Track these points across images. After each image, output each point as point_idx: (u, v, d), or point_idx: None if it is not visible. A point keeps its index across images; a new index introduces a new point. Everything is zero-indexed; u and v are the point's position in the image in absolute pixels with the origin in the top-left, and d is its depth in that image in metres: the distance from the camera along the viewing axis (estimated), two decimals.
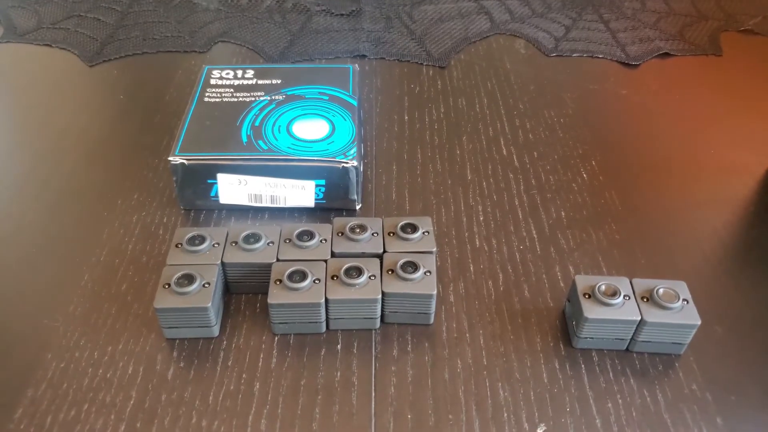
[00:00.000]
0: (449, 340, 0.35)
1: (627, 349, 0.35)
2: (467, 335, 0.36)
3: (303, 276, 0.34)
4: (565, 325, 0.36)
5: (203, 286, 0.34)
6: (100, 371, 0.33)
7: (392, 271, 0.35)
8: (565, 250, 0.41)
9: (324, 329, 0.35)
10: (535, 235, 0.42)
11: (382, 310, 0.35)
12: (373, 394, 0.33)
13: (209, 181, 0.41)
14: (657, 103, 0.55)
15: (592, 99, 0.55)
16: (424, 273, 0.35)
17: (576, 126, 0.52)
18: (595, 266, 0.40)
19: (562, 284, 0.39)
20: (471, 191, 0.45)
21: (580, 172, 0.48)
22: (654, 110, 0.54)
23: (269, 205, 0.42)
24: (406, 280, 0.35)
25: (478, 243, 0.41)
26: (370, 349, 0.35)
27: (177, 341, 0.35)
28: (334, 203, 0.42)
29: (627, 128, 0.52)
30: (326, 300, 0.34)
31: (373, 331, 0.36)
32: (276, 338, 0.35)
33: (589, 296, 0.34)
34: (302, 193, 0.42)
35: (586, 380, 0.34)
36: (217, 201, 0.42)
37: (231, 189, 0.41)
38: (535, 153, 0.49)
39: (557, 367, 0.34)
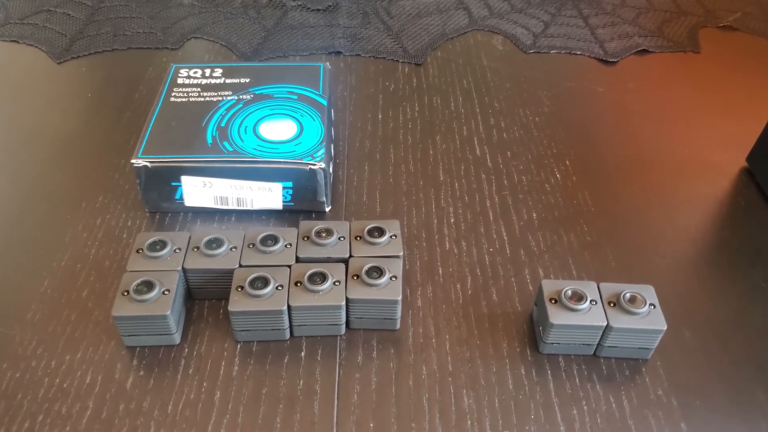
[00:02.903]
0: (415, 345, 0.35)
1: (594, 354, 0.35)
2: (433, 340, 0.35)
3: (265, 282, 0.34)
4: (533, 329, 0.36)
5: (163, 293, 0.33)
6: (57, 381, 0.33)
7: (357, 276, 0.35)
8: (535, 253, 0.41)
9: (288, 336, 0.35)
10: (505, 238, 0.42)
11: (348, 316, 0.35)
12: (336, 402, 0.32)
13: (173, 183, 0.40)
14: (634, 100, 0.55)
15: (568, 97, 0.55)
16: (390, 278, 0.35)
17: (551, 125, 0.52)
18: (565, 269, 0.40)
19: (531, 288, 0.38)
20: (443, 192, 0.45)
21: (553, 172, 0.47)
22: (630, 108, 0.54)
23: (236, 207, 0.41)
24: (371, 285, 0.34)
25: (447, 245, 0.41)
26: (335, 356, 0.34)
27: (137, 349, 0.34)
28: (302, 205, 0.42)
29: (603, 127, 0.52)
30: (289, 307, 0.33)
31: (339, 337, 0.35)
32: (239, 345, 0.35)
33: (556, 301, 0.34)
34: (269, 196, 0.41)
35: (551, 386, 0.33)
36: (183, 204, 0.41)
37: (196, 191, 0.40)
38: (509, 153, 0.49)
39: (523, 373, 0.34)
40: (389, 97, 0.54)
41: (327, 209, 0.43)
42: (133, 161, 0.39)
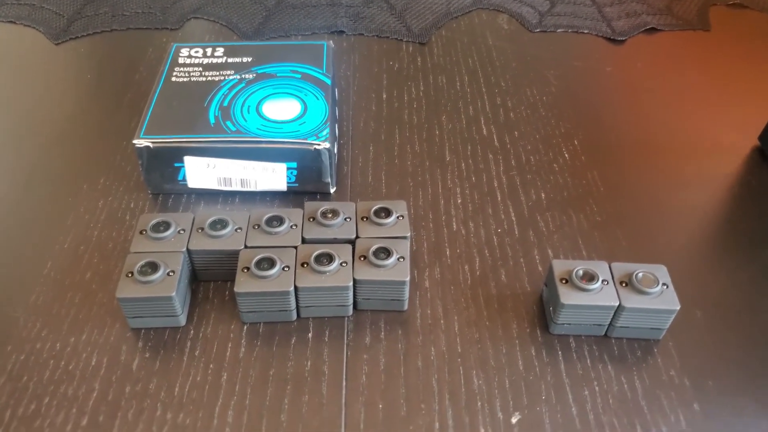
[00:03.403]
0: (423, 327, 0.35)
1: (605, 334, 0.34)
2: (442, 322, 0.35)
3: (271, 263, 0.33)
4: (543, 310, 0.36)
5: (167, 274, 0.33)
6: (62, 363, 0.32)
7: (364, 257, 0.34)
8: (544, 233, 0.40)
9: (295, 317, 0.34)
10: (513, 218, 0.41)
11: (355, 297, 0.34)
12: (344, 383, 0.32)
13: (176, 164, 0.39)
14: (642, 80, 0.54)
15: (576, 76, 0.54)
16: (398, 259, 0.34)
17: (559, 104, 0.51)
18: (574, 249, 0.39)
19: (540, 268, 0.38)
20: (449, 173, 0.44)
21: (561, 151, 0.46)
22: (639, 87, 0.53)
23: (240, 188, 0.41)
24: (378, 266, 0.34)
25: (455, 226, 0.40)
26: (342, 337, 0.34)
27: (143, 331, 0.34)
28: (307, 186, 0.41)
29: (611, 106, 0.51)
30: (296, 288, 0.33)
31: (346, 319, 0.35)
32: (245, 327, 0.34)
33: (566, 281, 0.34)
34: (273, 177, 0.40)
35: (562, 367, 0.33)
36: (186, 185, 0.41)
37: (199, 172, 0.40)
38: (516, 132, 0.48)
39: (533, 353, 0.34)
40: (393, 76, 0.53)
41: (332, 190, 0.42)
42: (134, 141, 0.38)
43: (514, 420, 0.31)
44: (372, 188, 0.43)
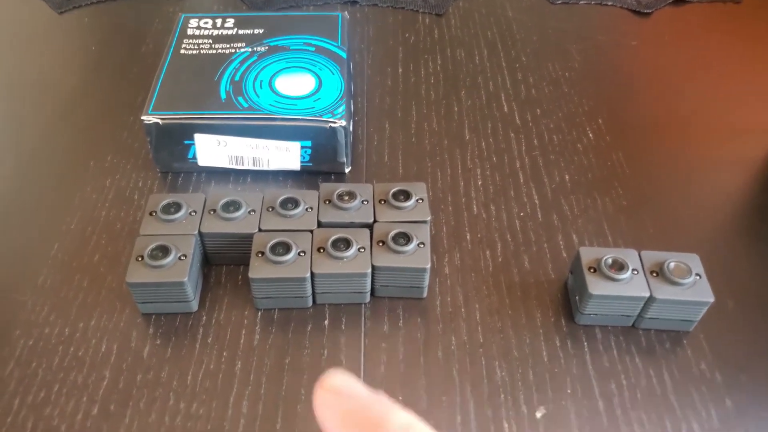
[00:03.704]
0: (443, 315, 0.33)
1: (633, 325, 0.33)
2: (462, 310, 0.34)
3: (287, 248, 0.32)
4: (567, 298, 0.34)
5: (179, 258, 0.32)
6: (72, 349, 0.31)
7: (383, 242, 0.33)
8: (568, 217, 0.39)
9: (310, 304, 0.33)
10: (536, 201, 0.39)
11: (372, 284, 0.33)
12: (362, 373, 0.31)
13: (186, 141, 0.38)
14: (669, 55, 0.51)
15: (599, 51, 0.52)
16: (417, 245, 0.33)
17: (582, 80, 0.49)
18: (600, 235, 0.38)
19: (564, 254, 0.36)
20: (469, 152, 0.42)
21: (585, 131, 0.45)
22: (666, 63, 0.51)
23: (252, 167, 0.39)
24: (397, 252, 0.32)
25: (475, 209, 0.39)
26: (360, 325, 0.33)
27: (153, 316, 0.33)
28: (321, 166, 0.40)
29: (637, 83, 0.49)
30: (312, 274, 0.32)
31: (363, 306, 0.34)
32: (259, 313, 0.33)
33: (595, 270, 0.32)
34: (287, 156, 0.39)
35: (588, 359, 0.32)
36: (196, 163, 0.39)
37: (210, 150, 0.38)
38: (538, 110, 0.46)
39: (558, 344, 0.32)
40: (410, 49, 0.51)
41: (347, 170, 0.40)
42: (143, 118, 0.37)
43: (538, 414, 0.30)
44: (388, 168, 0.41)
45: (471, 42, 0.52)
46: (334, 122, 0.37)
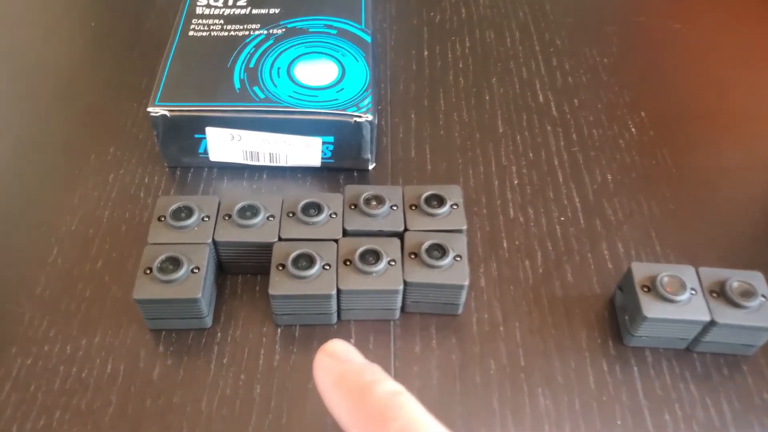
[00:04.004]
0: (480, 334, 0.30)
1: (687, 348, 0.30)
2: (501, 328, 0.31)
3: (310, 261, 0.29)
4: (614, 316, 0.31)
5: (192, 271, 0.29)
6: (74, 370, 0.28)
7: (415, 254, 0.30)
8: (612, 223, 0.35)
9: (335, 320, 0.30)
10: (577, 204, 0.36)
11: (403, 300, 0.30)
12: None
13: (197, 135, 0.34)
14: (717, 40, 0.47)
15: (639, 34, 0.48)
16: (454, 258, 0.30)
17: (622, 68, 0.45)
18: (647, 243, 0.35)
19: (610, 265, 0.33)
20: (503, 147, 0.39)
21: (627, 124, 0.41)
22: (714, 49, 0.47)
23: (268, 163, 0.36)
24: (432, 267, 0.29)
25: (512, 213, 0.36)
26: (389, 344, 0.30)
27: (163, 332, 0.30)
28: (343, 163, 0.36)
29: (681, 71, 0.45)
30: (338, 290, 0.29)
31: (392, 323, 0.31)
32: (279, 330, 0.30)
33: (649, 289, 0.29)
34: (307, 152, 0.35)
35: (639, 386, 0.29)
36: (207, 158, 0.36)
37: (222, 145, 0.35)
38: (576, 101, 0.42)
39: (605, 368, 0.30)
40: (435, 30, 0.47)
41: (371, 167, 0.37)
42: (149, 110, 0.33)
43: None
44: (415, 165, 0.38)
45: (501, 23, 0.48)
46: (360, 116, 0.34)
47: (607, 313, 0.32)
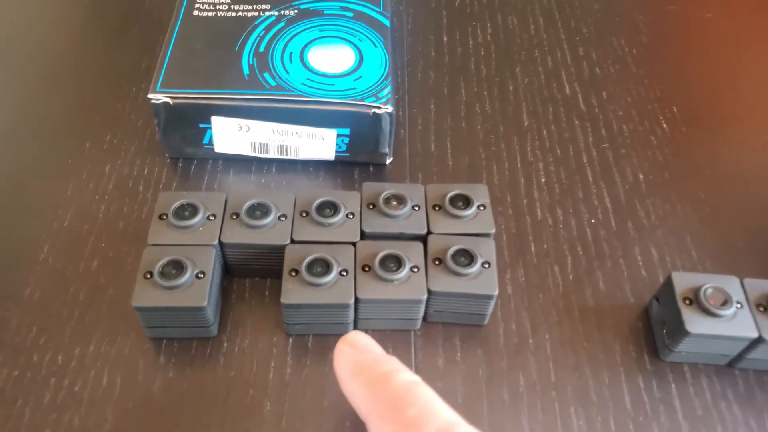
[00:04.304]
0: (508, 346, 0.28)
1: (728, 364, 0.28)
2: (530, 340, 0.28)
3: (326, 267, 0.26)
4: (649, 328, 0.29)
5: (196, 276, 0.26)
6: (66, 382, 0.26)
7: (440, 261, 0.27)
8: (645, 227, 0.33)
9: (351, 330, 0.28)
10: (608, 205, 0.34)
11: (425, 309, 0.28)
12: None
13: (201, 125, 0.32)
14: (752, 29, 0.45)
15: (670, 23, 0.45)
16: (482, 265, 0.27)
17: (652, 59, 0.42)
18: (683, 249, 0.32)
19: (644, 272, 0.31)
20: (529, 142, 0.37)
21: (658, 120, 0.39)
22: (748, 39, 0.44)
23: (277, 156, 0.33)
24: (458, 274, 0.27)
25: (539, 213, 0.33)
26: (409, 357, 0.28)
27: (164, 342, 0.27)
28: (359, 156, 0.34)
29: (714, 63, 0.42)
30: (356, 299, 0.26)
31: (412, 333, 0.28)
32: (290, 339, 0.28)
33: (691, 302, 0.27)
34: (320, 144, 0.33)
35: (677, 405, 0.27)
36: (212, 149, 0.33)
37: (229, 136, 0.32)
38: (604, 93, 0.40)
39: (641, 386, 0.27)
40: (455, 14, 0.44)
41: (388, 161, 0.35)
42: (150, 96, 0.31)
43: None
44: (435, 160, 0.35)
45: (524, 8, 0.45)
46: (379, 107, 0.31)
47: (642, 325, 0.29)
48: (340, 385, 0.22)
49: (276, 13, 0.35)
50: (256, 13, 0.35)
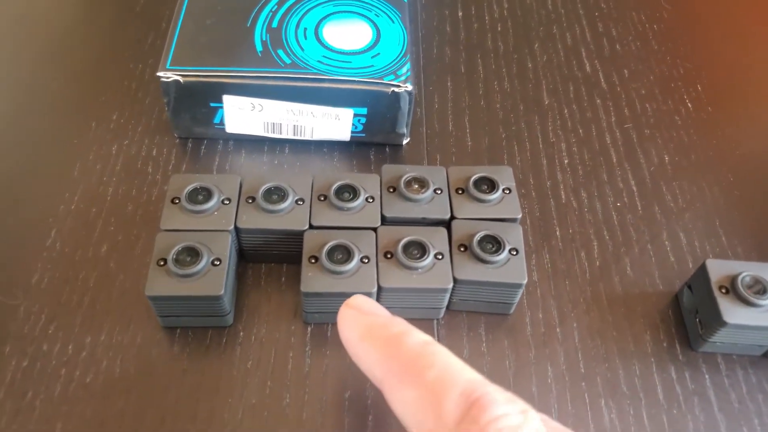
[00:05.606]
0: (535, 336, 0.27)
1: (764, 354, 0.27)
2: (558, 330, 0.27)
3: (347, 254, 0.25)
4: (680, 316, 0.28)
5: (212, 264, 0.25)
6: (77, 373, 0.25)
7: (465, 247, 0.26)
8: (672, 210, 0.32)
9: None
10: (634, 188, 0.33)
11: (450, 298, 0.27)
12: None
13: (212, 104, 0.30)
14: None
15: None
16: (510, 252, 0.26)
17: (674, 35, 0.41)
18: (712, 234, 0.31)
19: (672, 258, 0.30)
20: (550, 121, 0.35)
21: (683, 99, 0.37)
22: None
23: (291, 137, 0.32)
24: (485, 262, 0.26)
25: (563, 196, 0.32)
26: None
27: (178, 331, 0.26)
28: (375, 137, 0.32)
29: (739, 39, 0.41)
30: (379, 287, 0.25)
31: (435, 322, 0.27)
32: (309, 328, 0.27)
33: (727, 291, 0.26)
34: (336, 125, 0.31)
35: (712, 397, 0.26)
36: (223, 129, 0.32)
37: (241, 115, 0.31)
38: (626, 71, 0.38)
39: (674, 377, 0.27)
40: None
41: (404, 142, 0.33)
42: (159, 74, 0.29)
43: None
44: (454, 140, 0.34)
45: None
46: (398, 86, 0.30)
47: (672, 313, 0.28)
48: (347, 349, 0.21)
49: None
50: None
